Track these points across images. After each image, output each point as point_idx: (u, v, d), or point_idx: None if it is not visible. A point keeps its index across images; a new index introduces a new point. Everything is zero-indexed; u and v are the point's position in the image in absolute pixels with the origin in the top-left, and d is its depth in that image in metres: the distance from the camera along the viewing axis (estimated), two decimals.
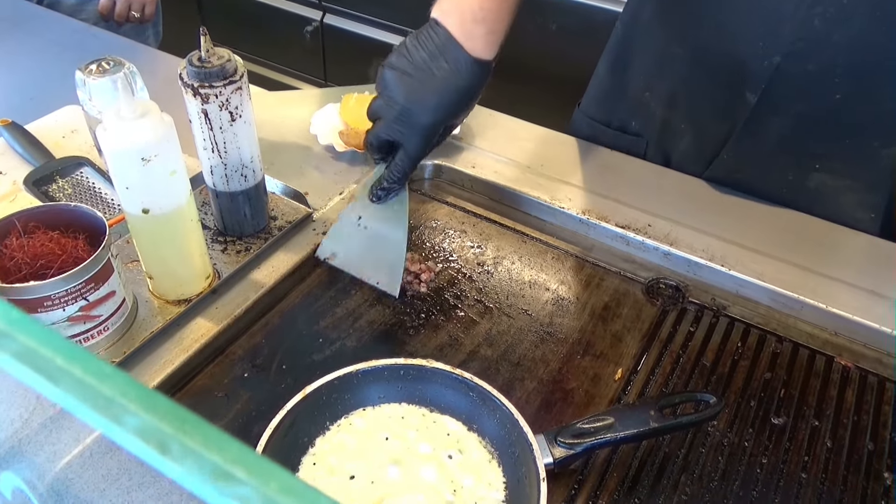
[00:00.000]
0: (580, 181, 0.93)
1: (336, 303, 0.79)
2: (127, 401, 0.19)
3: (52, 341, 0.19)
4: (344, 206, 0.88)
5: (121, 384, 0.19)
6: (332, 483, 0.61)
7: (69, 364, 0.19)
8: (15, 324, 0.18)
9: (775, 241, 0.85)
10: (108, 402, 0.18)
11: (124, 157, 0.63)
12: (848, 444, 0.67)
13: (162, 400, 0.20)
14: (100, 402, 0.18)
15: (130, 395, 0.19)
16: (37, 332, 0.19)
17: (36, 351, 0.18)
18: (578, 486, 0.63)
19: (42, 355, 0.18)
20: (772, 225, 0.88)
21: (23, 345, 0.18)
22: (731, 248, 0.84)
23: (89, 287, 0.65)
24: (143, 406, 0.19)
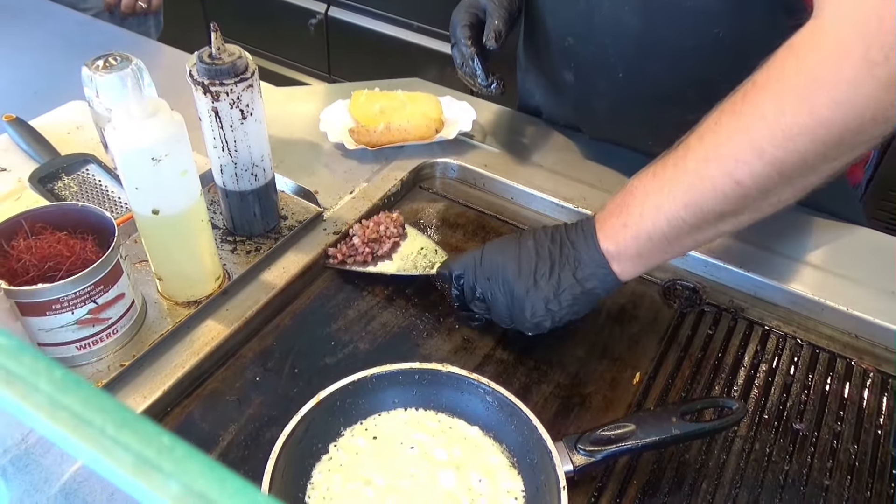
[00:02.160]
0: (595, 180, 0.92)
1: (348, 304, 0.78)
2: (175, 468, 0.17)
3: (97, 402, 0.17)
4: (354, 206, 0.87)
5: (157, 441, 0.18)
6: (346, 490, 0.60)
7: (118, 432, 0.17)
8: (58, 385, 0.17)
9: (793, 242, 0.84)
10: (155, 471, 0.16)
11: (134, 157, 0.62)
12: (871, 449, 0.66)
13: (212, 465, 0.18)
14: (147, 472, 0.17)
15: (172, 454, 0.17)
16: (80, 393, 0.17)
17: (80, 416, 0.16)
18: (598, 494, 0.62)
19: (90, 421, 0.16)
20: (789, 225, 0.86)
21: (67, 409, 0.16)
22: (749, 248, 0.83)
23: (98, 289, 0.64)
24: (184, 468, 0.17)
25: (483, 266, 0.69)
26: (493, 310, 0.70)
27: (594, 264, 0.65)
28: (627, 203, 0.64)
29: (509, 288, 0.67)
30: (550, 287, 0.66)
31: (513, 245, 0.69)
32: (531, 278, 0.66)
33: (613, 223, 0.65)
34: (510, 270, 0.67)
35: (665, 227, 0.61)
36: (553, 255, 0.67)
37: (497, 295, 0.69)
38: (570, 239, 0.67)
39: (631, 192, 0.64)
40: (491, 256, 0.69)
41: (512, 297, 0.67)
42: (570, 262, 0.66)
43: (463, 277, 0.71)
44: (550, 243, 0.67)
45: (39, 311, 0.61)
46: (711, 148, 0.58)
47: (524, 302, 0.67)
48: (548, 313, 0.67)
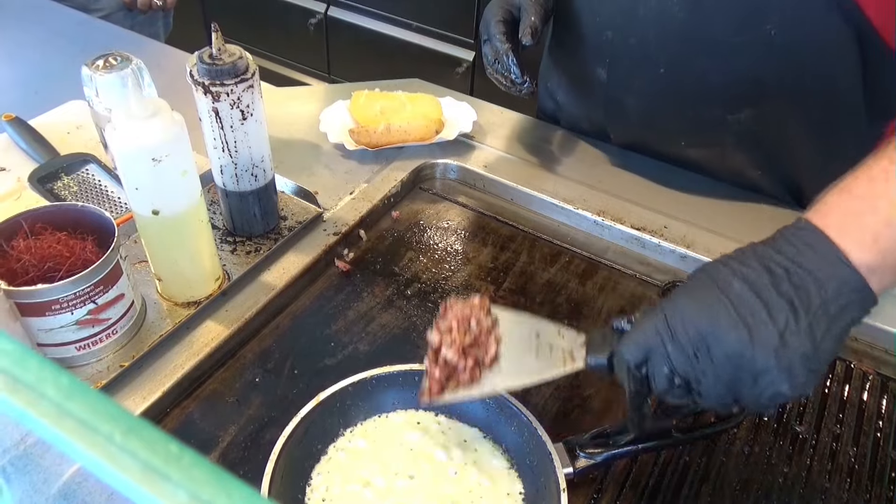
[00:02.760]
0: (595, 181, 0.92)
1: (348, 305, 0.77)
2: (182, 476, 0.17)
3: (103, 409, 0.17)
4: (354, 206, 0.87)
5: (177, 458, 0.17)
6: (346, 491, 0.60)
7: (125, 438, 0.17)
8: (65, 392, 0.17)
9: None
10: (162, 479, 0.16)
11: (134, 158, 0.62)
12: (871, 452, 0.66)
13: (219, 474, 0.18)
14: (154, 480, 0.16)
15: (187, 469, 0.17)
16: (87, 400, 0.17)
17: (87, 423, 0.16)
18: (598, 496, 0.62)
19: (96, 428, 0.16)
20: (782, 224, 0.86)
21: (74, 417, 0.16)
22: None
23: (98, 290, 0.64)
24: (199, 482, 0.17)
25: (679, 339, 0.49)
26: (708, 394, 0.50)
27: (848, 289, 0.48)
28: (864, 203, 0.49)
29: (741, 361, 0.48)
30: (806, 340, 0.47)
31: (714, 297, 0.49)
32: (774, 337, 0.47)
33: (864, 224, 0.48)
34: (734, 335, 0.47)
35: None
36: (785, 292, 0.48)
37: (714, 374, 0.49)
38: (795, 261, 0.49)
39: (862, 193, 0.50)
40: (689, 322, 0.49)
41: (748, 372, 0.48)
42: (816, 295, 0.48)
43: (647, 363, 0.51)
44: (769, 276, 0.49)
45: (39, 312, 0.61)
46: None
47: (773, 373, 0.47)
48: (810, 376, 0.48)
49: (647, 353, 0.51)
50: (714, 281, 0.50)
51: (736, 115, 0.56)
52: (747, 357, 0.47)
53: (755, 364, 0.47)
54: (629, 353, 0.51)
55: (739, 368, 0.48)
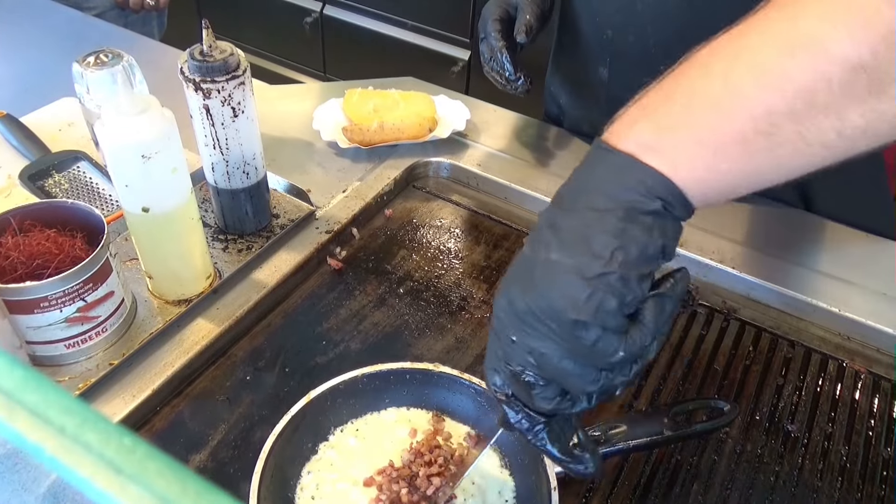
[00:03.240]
0: None
1: (340, 304, 0.77)
2: (137, 469, 0.16)
3: (56, 400, 0.17)
4: (347, 205, 0.87)
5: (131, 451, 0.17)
6: (336, 490, 0.60)
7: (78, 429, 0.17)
8: (18, 383, 0.16)
9: (786, 243, 0.84)
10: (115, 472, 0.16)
11: (124, 155, 0.61)
12: (862, 450, 0.66)
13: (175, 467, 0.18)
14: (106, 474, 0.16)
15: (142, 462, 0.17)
16: (39, 390, 0.17)
17: (40, 414, 0.16)
18: (589, 494, 0.62)
19: (49, 419, 0.16)
20: (782, 226, 0.86)
21: (28, 408, 0.16)
22: (742, 249, 0.82)
23: (87, 287, 0.63)
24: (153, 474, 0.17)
25: (500, 336, 0.44)
26: (551, 368, 0.43)
27: (621, 176, 0.41)
28: (657, 103, 0.43)
29: (539, 315, 0.42)
30: (577, 252, 0.41)
31: (512, 274, 0.44)
32: (547, 269, 0.41)
33: (644, 115, 0.43)
34: (516, 289, 0.43)
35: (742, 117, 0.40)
36: (554, 221, 0.43)
37: (541, 342, 0.42)
38: (569, 186, 0.44)
39: (652, 102, 0.44)
40: (502, 310, 0.44)
41: (555, 324, 0.41)
42: (584, 198, 0.42)
43: (500, 371, 0.45)
44: (544, 220, 0.44)
45: (27, 309, 0.61)
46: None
47: (567, 310, 0.40)
48: (609, 290, 0.40)
49: (495, 369, 0.46)
50: (513, 264, 0.45)
51: None
52: (537, 304, 0.41)
53: (553, 310, 0.41)
54: (489, 380, 0.46)
55: (547, 322, 0.41)
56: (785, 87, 0.39)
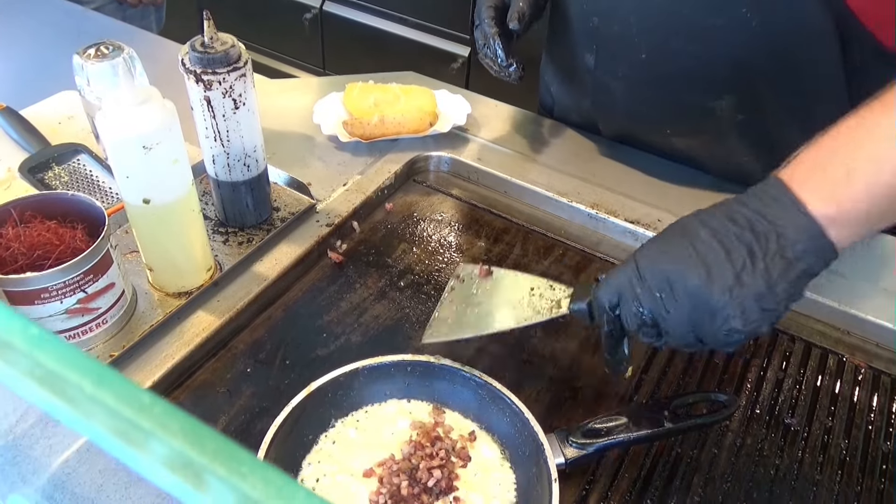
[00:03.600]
0: (589, 174, 0.92)
1: (340, 296, 0.77)
2: (155, 426, 0.17)
3: (72, 359, 0.17)
4: (347, 198, 0.87)
5: (149, 408, 0.17)
6: (336, 481, 0.60)
7: (95, 389, 0.17)
8: (34, 342, 0.16)
9: None
10: (134, 429, 0.16)
11: (125, 146, 0.61)
12: (862, 444, 0.66)
13: (194, 424, 0.18)
14: (127, 431, 0.16)
15: (160, 419, 0.17)
16: (56, 350, 0.17)
17: (57, 373, 0.16)
18: (590, 487, 0.62)
19: (65, 378, 0.16)
20: None
21: (43, 367, 0.16)
22: None
23: (88, 279, 0.63)
24: (173, 432, 0.17)
25: (647, 281, 0.54)
26: (673, 333, 0.54)
27: (806, 236, 0.51)
28: (836, 152, 0.52)
29: (696, 301, 0.52)
30: (759, 281, 0.51)
31: (680, 244, 0.53)
32: (729, 278, 0.51)
33: (826, 178, 0.51)
34: (693, 277, 0.52)
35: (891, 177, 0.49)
36: (745, 239, 0.52)
37: (678, 312, 0.53)
38: (760, 212, 0.52)
39: (828, 148, 0.52)
40: (655, 265, 0.54)
41: (706, 308, 0.52)
42: (773, 241, 0.51)
43: (620, 305, 0.56)
44: (733, 225, 0.52)
45: (28, 300, 0.61)
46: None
47: (727, 309, 0.51)
48: (764, 315, 0.51)
49: (619, 294, 0.56)
50: (682, 229, 0.54)
51: (717, 102, 0.56)
52: (705, 295, 0.51)
53: (712, 301, 0.51)
54: (604, 296, 0.57)
55: (698, 306, 0.52)
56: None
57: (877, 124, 0.51)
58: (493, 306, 0.66)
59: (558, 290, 0.64)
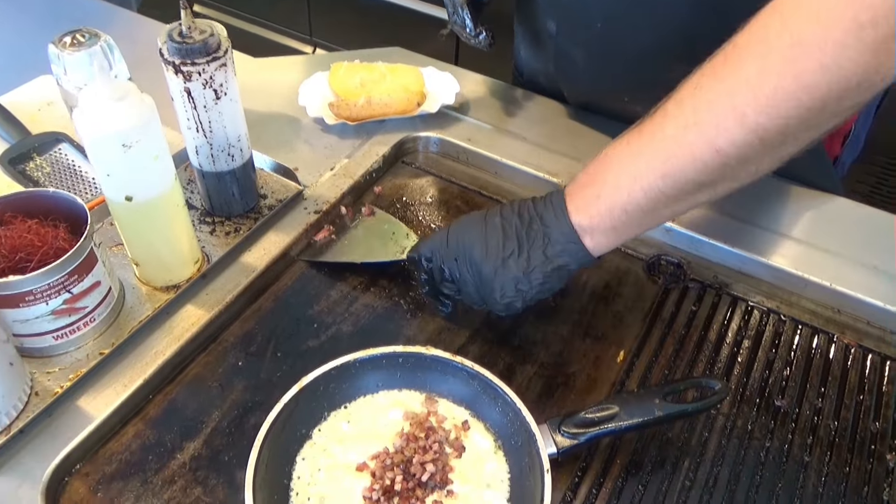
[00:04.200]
0: (582, 154, 0.90)
1: (330, 286, 0.77)
2: None
3: None
4: (335, 183, 0.85)
5: None
6: (331, 475, 0.60)
7: None
8: None
9: (777, 216, 0.83)
10: None
11: (104, 144, 0.60)
12: (851, 425, 0.67)
13: None
14: None
15: None
16: None
17: None
18: (582, 474, 0.62)
19: None
20: (773, 199, 0.86)
21: None
22: (733, 223, 0.82)
23: (73, 279, 0.62)
24: None
25: (450, 247, 0.67)
26: (463, 291, 0.69)
27: (565, 240, 0.63)
28: (600, 173, 0.62)
29: (477, 269, 0.66)
30: (519, 267, 0.64)
31: (479, 223, 0.67)
32: (499, 258, 0.64)
33: (586, 195, 0.63)
34: (476, 251, 0.65)
35: (641, 198, 0.59)
36: (520, 232, 0.64)
37: (465, 276, 0.67)
38: (539, 214, 0.65)
39: (604, 162, 0.62)
40: (457, 236, 0.67)
41: (480, 279, 0.66)
42: (540, 238, 0.64)
43: (431, 260, 0.69)
44: (518, 219, 0.65)
45: (12, 304, 0.60)
46: (691, 114, 0.56)
47: (493, 283, 0.65)
48: (518, 294, 0.65)
49: (432, 252, 0.69)
50: (487, 213, 0.67)
51: (675, 73, 0.57)
52: (480, 267, 0.65)
53: (483, 273, 0.65)
54: (422, 250, 0.70)
55: (478, 276, 0.66)
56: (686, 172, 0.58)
57: (640, 143, 0.60)
58: (358, 241, 0.79)
59: (409, 240, 0.76)
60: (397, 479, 0.58)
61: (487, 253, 0.65)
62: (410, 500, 0.57)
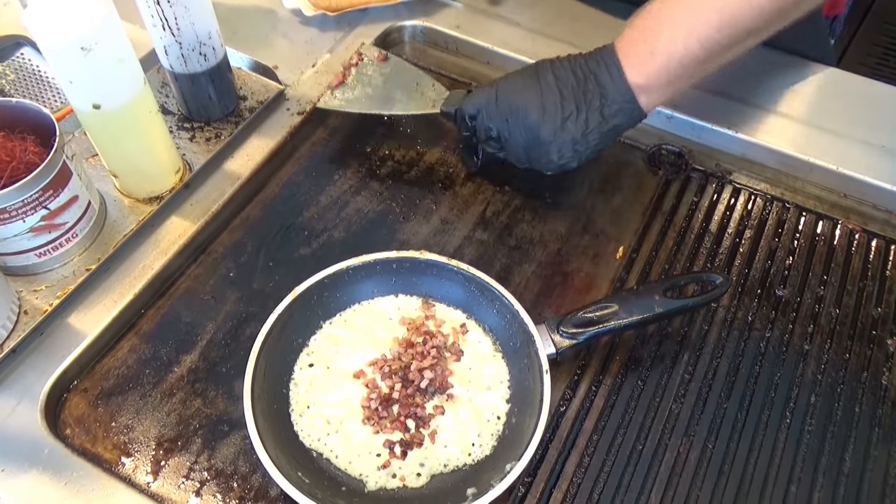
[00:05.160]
0: (578, 39, 0.85)
1: (320, 190, 0.74)
2: None
3: None
4: (317, 80, 0.81)
5: None
6: (329, 381, 0.60)
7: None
8: None
9: (780, 94, 0.79)
10: None
11: (61, 48, 0.55)
12: (853, 311, 0.66)
13: None
14: None
15: None
16: None
17: None
18: (581, 371, 0.62)
19: None
20: (774, 74, 0.81)
21: None
22: (736, 105, 0.78)
23: (48, 195, 0.60)
24: None
25: (500, 106, 0.65)
26: (510, 151, 0.67)
27: (622, 99, 0.63)
28: (652, 28, 0.61)
29: (533, 131, 0.64)
30: (578, 128, 0.63)
31: (532, 83, 0.64)
32: (557, 120, 0.63)
33: (639, 51, 0.61)
34: (533, 113, 0.64)
35: (698, 50, 0.60)
36: (577, 92, 0.63)
37: (516, 136, 0.65)
38: (594, 72, 0.63)
39: (654, 16, 0.61)
40: (509, 95, 0.65)
41: (536, 140, 0.64)
42: (597, 98, 0.63)
43: (476, 118, 0.67)
44: (574, 79, 0.63)
45: None
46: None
47: (550, 145, 0.64)
48: (575, 154, 0.65)
49: (478, 109, 0.67)
50: (537, 70, 0.65)
51: None
52: (537, 129, 0.64)
53: (541, 136, 0.64)
54: (467, 107, 0.68)
55: (531, 137, 0.65)
56: None
57: (665, 4, 0.60)
58: (378, 90, 0.75)
59: (436, 92, 0.74)
60: (396, 386, 0.58)
61: (545, 115, 0.63)
62: (410, 408, 0.57)
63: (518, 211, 0.73)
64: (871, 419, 0.60)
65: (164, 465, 0.57)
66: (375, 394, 0.58)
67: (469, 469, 0.56)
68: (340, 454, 0.56)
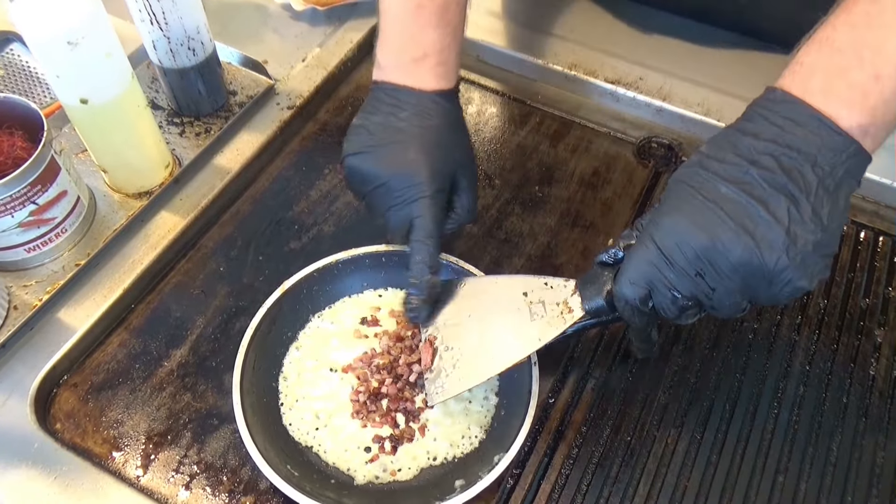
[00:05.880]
0: (566, 31, 0.85)
1: (309, 185, 0.74)
2: None
3: None
4: (307, 75, 0.81)
5: None
6: (318, 375, 0.60)
7: None
8: None
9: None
10: None
11: (47, 42, 0.55)
12: (841, 302, 0.66)
13: None
14: None
15: None
16: None
17: None
18: (570, 364, 0.62)
19: None
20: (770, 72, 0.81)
21: None
22: (728, 99, 0.78)
23: (36, 189, 0.60)
24: None
25: (677, 263, 0.46)
26: (722, 306, 0.47)
27: (845, 157, 0.44)
28: (845, 59, 0.44)
29: (749, 268, 0.45)
30: (814, 227, 0.44)
31: (704, 208, 0.45)
32: (780, 235, 0.44)
33: (847, 86, 0.44)
34: (737, 245, 0.44)
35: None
36: (778, 182, 0.44)
37: (725, 287, 0.46)
38: (783, 142, 0.45)
39: (837, 48, 0.45)
40: (683, 243, 0.45)
41: (761, 277, 0.45)
42: (810, 174, 0.44)
43: (652, 296, 0.48)
44: (757, 168, 0.45)
45: None
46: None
47: (788, 272, 0.44)
48: (825, 261, 0.46)
49: (649, 286, 0.48)
50: (697, 190, 0.46)
51: None
52: (757, 263, 0.44)
53: (767, 268, 0.44)
54: (630, 292, 0.48)
55: (750, 276, 0.45)
56: None
57: (882, 11, 0.43)
58: (490, 340, 0.55)
59: (558, 288, 0.54)
60: (386, 381, 0.58)
61: (757, 239, 0.44)
62: (399, 402, 0.57)
63: (508, 204, 0.73)
64: (859, 409, 0.60)
65: (154, 458, 0.57)
66: (364, 388, 0.58)
67: (458, 461, 0.56)
68: (329, 448, 0.57)
